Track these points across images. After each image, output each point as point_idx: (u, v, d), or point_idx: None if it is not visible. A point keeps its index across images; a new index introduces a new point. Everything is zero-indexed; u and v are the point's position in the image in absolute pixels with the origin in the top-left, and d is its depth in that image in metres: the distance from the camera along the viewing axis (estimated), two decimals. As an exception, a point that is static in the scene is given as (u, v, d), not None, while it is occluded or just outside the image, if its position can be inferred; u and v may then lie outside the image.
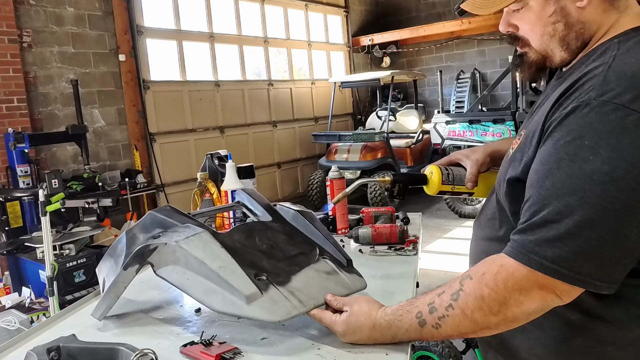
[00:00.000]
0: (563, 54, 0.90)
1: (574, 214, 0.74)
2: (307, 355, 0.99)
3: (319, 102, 8.92)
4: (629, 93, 0.74)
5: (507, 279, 0.80)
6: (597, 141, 0.74)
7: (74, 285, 3.81)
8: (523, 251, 0.78)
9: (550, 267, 0.76)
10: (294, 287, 1.07)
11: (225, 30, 7.42)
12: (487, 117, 6.57)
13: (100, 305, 1.19)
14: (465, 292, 0.84)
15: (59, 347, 0.95)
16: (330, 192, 1.89)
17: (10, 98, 4.86)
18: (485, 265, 0.85)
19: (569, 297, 0.80)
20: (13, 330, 3.12)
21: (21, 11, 5.06)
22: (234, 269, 1.05)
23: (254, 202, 1.43)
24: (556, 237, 0.75)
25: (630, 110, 0.73)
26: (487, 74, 9.52)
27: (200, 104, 6.92)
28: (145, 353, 0.91)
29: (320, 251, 1.21)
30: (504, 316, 0.81)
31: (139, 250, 1.12)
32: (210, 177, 2.07)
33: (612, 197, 0.72)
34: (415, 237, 1.70)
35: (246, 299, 1.01)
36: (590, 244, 0.74)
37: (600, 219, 0.73)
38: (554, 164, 0.77)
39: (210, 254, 1.07)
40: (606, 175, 0.72)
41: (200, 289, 1.06)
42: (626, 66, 0.78)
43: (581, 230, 0.74)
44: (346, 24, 9.75)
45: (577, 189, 0.74)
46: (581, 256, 0.75)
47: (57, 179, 4.00)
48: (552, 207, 0.76)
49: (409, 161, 7.92)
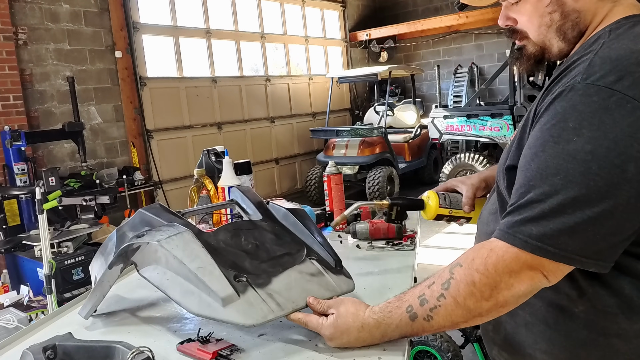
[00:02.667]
0: (560, 44, 0.91)
1: (558, 193, 0.75)
2: (304, 351, 0.98)
3: (316, 98, 8.91)
4: (612, 75, 0.76)
5: (497, 262, 0.80)
6: (580, 122, 0.75)
7: (72, 283, 3.80)
8: (509, 231, 0.79)
9: (535, 244, 0.77)
10: (273, 289, 1.04)
11: (222, 26, 7.39)
12: (485, 111, 6.56)
13: (86, 304, 1.19)
14: (456, 280, 0.84)
15: (55, 345, 0.95)
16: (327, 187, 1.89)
17: (6, 96, 4.84)
18: (474, 251, 0.85)
19: (555, 276, 0.80)
20: (11, 329, 3.12)
21: (16, 8, 5.03)
22: (212, 270, 1.02)
23: (247, 200, 1.42)
24: (540, 216, 0.76)
25: (613, 91, 0.74)
26: (485, 68, 9.51)
27: (198, 100, 6.90)
28: (142, 351, 0.90)
29: (307, 251, 1.18)
30: (495, 301, 0.82)
31: (123, 249, 1.11)
32: (207, 173, 2.06)
33: (594, 175, 0.73)
34: (413, 232, 1.69)
35: (222, 301, 0.98)
36: (574, 220, 0.74)
37: (584, 197, 0.74)
38: (539, 147, 0.79)
39: (189, 254, 1.05)
40: (588, 154, 0.74)
41: (178, 290, 1.04)
42: (612, 51, 0.79)
43: (565, 208, 0.75)
44: (343, 19, 9.72)
45: (560, 168, 0.75)
46: (565, 233, 0.75)
47: (54, 177, 3.99)
48: (537, 188, 0.77)
49: (407, 156, 7.92)
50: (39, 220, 2.93)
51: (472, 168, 6.56)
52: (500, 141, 6.34)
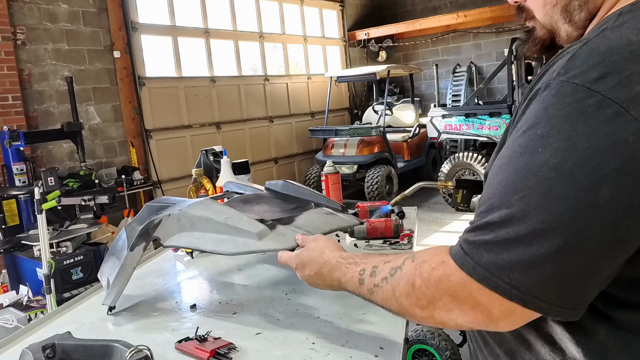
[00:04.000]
0: (567, 27, 0.78)
1: (514, 218, 0.61)
2: (301, 350, 0.99)
3: (315, 97, 8.91)
4: (594, 71, 0.61)
5: (442, 279, 0.69)
6: (549, 129, 0.61)
7: (72, 282, 3.81)
8: (461, 252, 0.67)
9: (482, 273, 0.63)
10: (298, 224, 1.15)
11: (221, 26, 7.39)
12: (483, 110, 6.57)
13: (110, 292, 1.20)
14: (401, 272, 0.76)
15: (54, 344, 0.96)
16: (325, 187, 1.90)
17: (4, 96, 4.84)
18: (431, 253, 0.74)
19: (508, 321, 0.65)
20: (11, 328, 3.12)
21: (15, 8, 5.03)
22: (239, 217, 1.12)
23: (244, 187, 1.52)
24: (494, 242, 0.63)
25: (592, 92, 0.60)
26: (483, 67, 9.51)
27: (196, 100, 6.90)
28: (140, 349, 0.91)
29: (315, 204, 1.30)
30: (429, 314, 0.72)
31: (143, 228, 1.17)
32: (206, 173, 2.07)
33: (556, 197, 0.59)
34: (411, 231, 1.70)
35: (257, 236, 1.08)
36: (530, 253, 0.60)
37: (543, 224, 0.59)
38: (506, 159, 0.66)
39: (214, 211, 1.14)
40: (552, 170, 0.59)
41: (210, 243, 1.12)
42: (604, 41, 0.64)
43: (520, 237, 0.61)
44: (342, 18, 9.72)
45: (520, 187, 0.62)
46: (519, 267, 0.61)
47: (53, 177, 3.99)
48: (495, 209, 0.64)
49: (406, 155, 7.93)
50: (38, 220, 2.93)
51: (471, 167, 6.57)
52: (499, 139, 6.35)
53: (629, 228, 0.59)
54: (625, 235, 0.59)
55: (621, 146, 0.58)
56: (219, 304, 1.26)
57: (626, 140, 0.58)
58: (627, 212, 0.58)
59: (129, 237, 1.22)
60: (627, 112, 0.58)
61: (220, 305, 1.25)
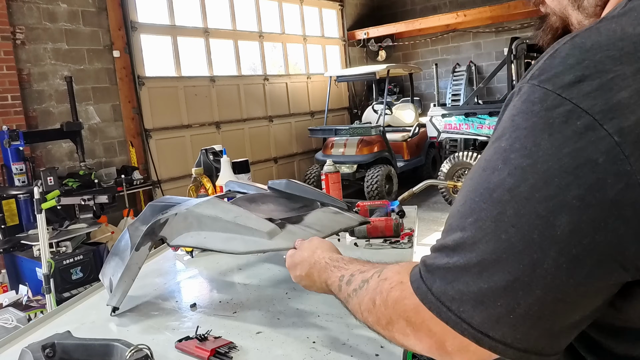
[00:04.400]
0: (577, 14, 0.68)
1: (465, 244, 0.54)
2: (301, 349, 0.99)
3: (314, 97, 8.91)
4: (570, 73, 0.50)
5: (398, 302, 0.63)
6: (512, 143, 0.52)
7: (71, 282, 3.81)
8: (417, 274, 0.61)
9: (433, 301, 0.57)
10: (307, 223, 1.15)
11: (220, 25, 7.39)
12: (483, 109, 6.56)
13: (115, 293, 1.20)
14: (367, 287, 0.72)
15: (54, 343, 0.95)
16: (325, 186, 1.89)
17: (4, 95, 4.83)
18: (394, 270, 0.69)
19: (462, 357, 0.57)
20: (10, 328, 3.12)
21: (14, 8, 5.02)
22: (248, 216, 1.12)
23: (246, 186, 1.51)
24: (446, 268, 0.57)
25: (561, 99, 0.50)
26: (483, 66, 9.51)
27: (196, 100, 6.90)
28: (140, 348, 0.91)
29: (321, 203, 1.30)
30: (391, 335, 0.67)
31: (149, 227, 1.16)
32: (205, 172, 2.07)
33: (508, 224, 0.50)
34: (411, 230, 1.70)
35: (267, 235, 1.07)
36: (479, 286, 0.52)
37: (492, 254, 0.51)
38: (471, 173, 0.58)
39: (222, 210, 1.14)
40: (507, 192, 0.51)
41: (219, 241, 1.12)
42: (594, 35, 0.53)
43: (469, 266, 0.54)
44: (341, 18, 9.72)
45: (475, 208, 0.54)
46: (468, 300, 0.53)
47: (52, 177, 3.99)
48: (452, 229, 0.58)
49: (406, 155, 7.93)
50: (37, 220, 2.93)
51: (471, 166, 6.57)
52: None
53: (591, 271, 0.48)
54: (587, 278, 0.48)
55: (588, 168, 0.47)
56: (219, 303, 1.26)
57: (595, 161, 0.47)
58: (588, 251, 0.47)
59: (133, 236, 1.22)
60: (600, 125, 0.47)
61: (221, 305, 1.25)
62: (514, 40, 6.31)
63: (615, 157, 0.46)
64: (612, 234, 0.47)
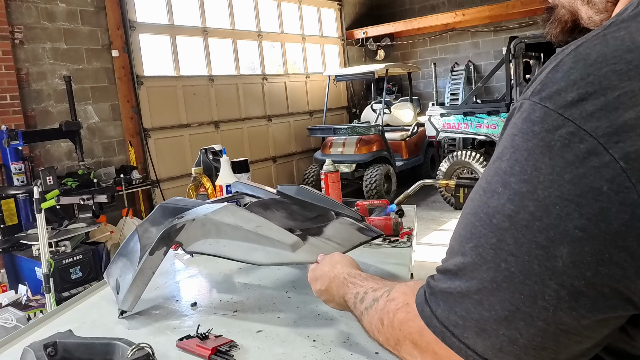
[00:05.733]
0: (587, 9, 0.64)
1: (466, 268, 0.53)
2: (302, 347, 1.00)
3: (313, 96, 8.91)
4: (573, 90, 0.47)
5: (403, 323, 0.63)
6: (512, 165, 0.50)
7: (71, 282, 3.81)
8: (422, 297, 0.60)
9: (437, 326, 0.56)
10: (327, 235, 1.13)
11: (219, 25, 7.39)
12: (481, 109, 6.58)
13: (127, 297, 1.18)
14: (377, 306, 0.72)
15: (56, 342, 0.96)
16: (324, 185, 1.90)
17: (3, 95, 4.83)
18: (401, 291, 0.68)
19: None
20: (10, 327, 3.12)
21: (12, 7, 5.02)
22: (270, 226, 1.10)
23: (254, 189, 1.49)
24: (448, 291, 0.55)
25: (564, 120, 0.46)
26: (482, 65, 9.52)
27: (195, 99, 6.90)
28: (142, 347, 0.91)
29: (335, 213, 1.29)
30: (400, 355, 0.66)
31: (165, 232, 1.15)
32: (205, 172, 2.07)
33: (507, 253, 0.49)
34: (410, 229, 1.71)
35: (290, 247, 1.06)
36: (480, 314, 0.51)
37: (491, 282, 0.50)
38: (473, 193, 0.56)
39: (242, 219, 1.12)
40: (506, 219, 0.49)
41: (239, 251, 1.11)
42: (600, 45, 0.48)
43: (470, 292, 0.52)
44: (340, 17, 9.72)
45: (475, 233, 0.52)
46: (471, 327, 0.52)
47: (51, 176, 3.99)
48: (454, 253, 0.56)
49: (404, 154, 7.94)
50: (37, 220, 2.93)
51: (469, 165, 6.58)
52: (497, 139, 6.36)
53: (595, 304, 0.46)
54: (591, 311, 0.46)
55: (590, 196, 0.44)
56: (220, 302, 1.27)
57: (598, 189, 0.44)
58: (591, 284, 0.45)
59: (142, 238, 1.20)
60: (605, 150, 0.44)
61: (221, 304, 1.26)
62: (512, 39, 6.32)
63: (621, 185, 0.43)
64: (617, 267, 0.44)
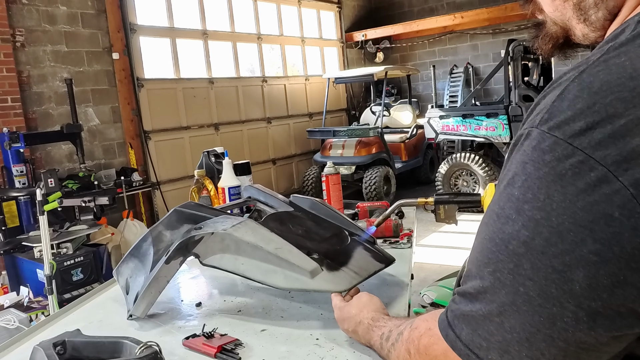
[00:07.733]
0: (583, 27, 0.64)
1: (486, 292, 0.55)
2: (305, 346, 1.02)
3: (313, 98, 8.94)
4: (580, 119, 0.49)
5: (428, 347, 0.65)
6: (524, 192, 0.52)
7: (72, 283, 3.83)
8: (445, 321, 0.62)
9: (462, 349, 0.58)
10: (344, 262, 1.13)
11: (219, 27, 7.41)
12: (480, 111, 6.60)
13: (140, 303, 1.19)
14: (402, 339, 0.75)
15: (65, 341, 0.97)
16: (325, 187, 1.92)
17: (4, 98, 4.85)
18: (423, 319, 0.71)
19: None
20: (12, 329, 3.13)
21: (13, 10, 5.04)
22: (290, 249, 1.10)
23: (268, 196, 1.48)
24: (471, 315, 0.57)
25: (573, 149, 0.48)
26: (480, 68, 9.55)
27: (195, 101, 6.92)
28: (150, 345, 0.93)
29: (349, 233, 1.27)
30: None
31: (182, 242, 1.15)
32: (207, 174, 2.09)
33: (524, 277, 0.50)
34: (410, 231, 1.73)
35: (310, 274, 1.06)
36: (503, 336, 0.53)
37: (511, 305, 0.52)
38: (486, 217, 0.58)
39: (262, 238, 1.11)
40: (522, 245, 0.51)
41: (258, 272, 1.11)
42: (602, 72, 0.50)
43: (492, 315, 0.54)
44: (339, 20, 9.75)
45: (492, 258, 0.54)
46: (494, 348, 0.54)
47: (53, 178, 4.01)
48: (472, 276, 0.58)
49: (403, 156, 7.96)
50: (39, 222, 2.95)
51: (468, 167, 6.60)
52: (496, 141, 6.39)
53: (612, 323, 0.48)
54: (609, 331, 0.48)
55: (603, 222, 0.46)
56: (224, 302, 1.29)
57: (610, 215, 0.46)
58: (608, 305, 0.47)
59: (156, 241, 1.21)
60: (615, 177, 0.46)
61: (225, 303, 1.28)
62: (511, 42, 6.35)
63: (632, 210, 0.45)
64: (632, 288, 0.46)
